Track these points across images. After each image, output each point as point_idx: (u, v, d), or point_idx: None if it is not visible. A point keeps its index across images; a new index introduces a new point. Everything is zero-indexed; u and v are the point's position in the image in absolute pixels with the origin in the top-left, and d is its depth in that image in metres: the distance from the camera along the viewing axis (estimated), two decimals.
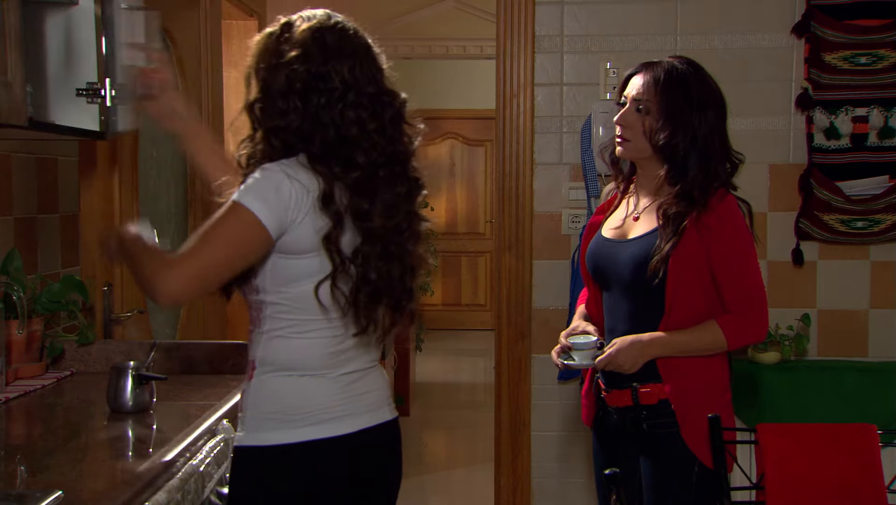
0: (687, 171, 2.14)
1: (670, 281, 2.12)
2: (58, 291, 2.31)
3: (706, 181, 2.14)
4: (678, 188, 2.15)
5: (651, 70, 2.19)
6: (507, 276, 3.36)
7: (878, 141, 3.18)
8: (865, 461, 2.16)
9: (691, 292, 2.14)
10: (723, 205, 2.13)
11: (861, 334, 3.28)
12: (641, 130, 2.18)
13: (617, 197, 2.36)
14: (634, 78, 2.23)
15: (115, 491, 1.45)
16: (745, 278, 2.16)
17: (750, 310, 2.16)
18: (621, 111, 2.23)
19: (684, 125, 2.14)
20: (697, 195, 2.12)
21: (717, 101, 2.19)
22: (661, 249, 2.11)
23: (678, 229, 2.11)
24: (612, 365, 2.16)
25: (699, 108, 2.15)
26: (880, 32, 3.15)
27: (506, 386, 3.38)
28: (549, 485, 3.41)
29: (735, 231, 2.14)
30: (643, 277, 2.14)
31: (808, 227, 3.23)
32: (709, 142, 2.15)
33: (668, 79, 2.16)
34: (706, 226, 2.11)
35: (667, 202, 2.15)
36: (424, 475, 4.88)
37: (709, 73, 2.22)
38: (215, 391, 2.18)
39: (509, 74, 3.31)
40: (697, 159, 2.14)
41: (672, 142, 2.14)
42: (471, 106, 8.79)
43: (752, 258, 2.17)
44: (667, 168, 2.17)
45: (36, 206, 2.44)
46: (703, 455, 2.15)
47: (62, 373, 2.34)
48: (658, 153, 2.18)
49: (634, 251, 2.18)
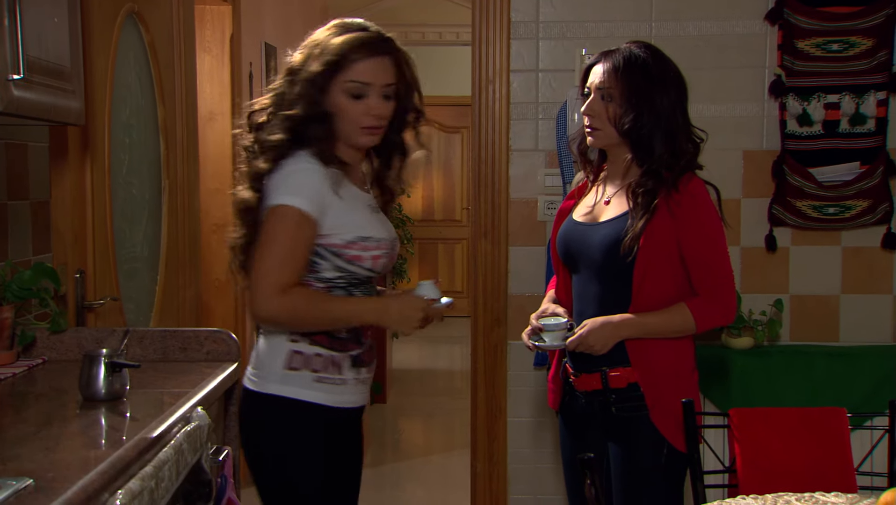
0: (653, 150, 2.18)
1: (639, 262, 2.14)
2: (29, 279, 2.28)
3: (672, 159, 2.17)
4: (646, 167, 2.18)
5: (610, 58, 2.23)
6: (482, 262, 3.37)
7: (850, 128, 3.22)
8: (836, 444, 2.19)
9: (660, 275, 2.16)
10: (692, 185, 2.17)
11: (832, 319, 3.32)
12: (607, 118, 2.21)
13: (587, 185, 2.38)
14: (595, 67, 2.26)
15: (88, 479, 1.44)
16: (714, 261, 2.19)
17: (718, 293, 2.19)
18: (587, 101, 2.26)
19: (647, 105, 2.18)
20: (665, 173, 2.15)
21: (676, 80, 2.23)
22: (634, 227, 2.13)
23: (649, 207, 2.14)
24: (583, 346, 2.18)
25: (660, 87, 2.19)
26: (852, 19, 3.18)
27: (482, 373, 3.39)
28: (525, 470, 3.42)
29: (705, 214, 2.18)
30: (614, 258, 2.16)
31: (781, 214, 3.25)
32: (672, 119, 2.19)
33: (628, 63, 2.20)
34: (677, 203, 2.14)
35: (636, 182, 2.18)
36: (401, 462, 4.90)
37: (667, 56, 2.26)
38: (189, 378, 2.17)
39: (485, 61, 3.31)
40: (662, 137, 2.18)
41: (637, 125, 2.18)
42: (447, 93, 8.77)
43: (721, 241, 2.20)
44: (633, 150, 2.20)
45: (6, 193, 2.41)
46: (672, 437, 2.17)
47: (34, 361, 2.32)
48: (625, 137, 2.21)
49: (606, 233, 2.20)
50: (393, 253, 2.04)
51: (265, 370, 1.99)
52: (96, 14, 2.72)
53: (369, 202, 2.05)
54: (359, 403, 2.07)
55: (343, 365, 2.00)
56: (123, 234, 2.98)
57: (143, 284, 3.13)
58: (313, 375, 1.97)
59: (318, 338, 1.98)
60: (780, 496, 1.83)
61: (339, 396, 2.01)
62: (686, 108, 2.24)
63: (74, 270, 2.67)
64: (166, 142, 3.27)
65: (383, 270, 2.03)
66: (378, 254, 1.98)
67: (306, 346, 1.97)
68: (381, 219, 2.06)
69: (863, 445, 2.59)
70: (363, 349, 2.05)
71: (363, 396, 2.08)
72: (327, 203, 1.90)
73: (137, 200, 3.11)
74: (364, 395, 2.08)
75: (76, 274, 2.67)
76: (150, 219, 3.20)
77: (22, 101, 1.87)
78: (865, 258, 3.30)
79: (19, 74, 1.82)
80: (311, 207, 1.88)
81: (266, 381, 1.99)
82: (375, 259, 1.98)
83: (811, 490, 1.92)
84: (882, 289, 3.30)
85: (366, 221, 1.98)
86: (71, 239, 2.66)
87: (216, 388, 2.16)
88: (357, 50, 1.92)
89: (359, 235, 1.95)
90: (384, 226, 2.05)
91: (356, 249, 1.94)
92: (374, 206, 2.06)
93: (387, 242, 2.01)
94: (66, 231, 2.65)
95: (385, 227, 2.04)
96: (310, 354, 1.97)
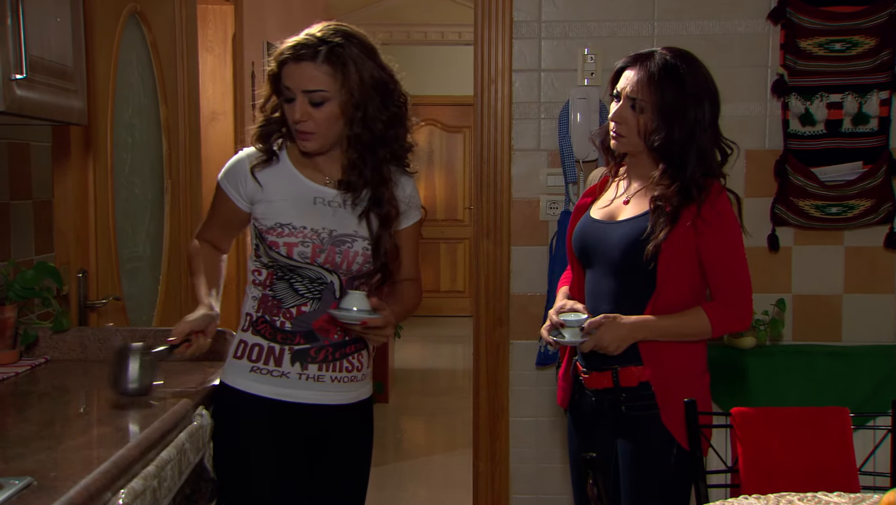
0: (685, 167, 2.14)
1: (661, 265, 2.13)
2: (31, 278, 2.28)
3: (703, 177, 2.14)
4: (678, 184, 2.14)
5: (644, 65, 2.16)
6: (484, 262, 3.37)
7: (853, 127, 3.21)
8: (838, 444, 2.19)
9: (679, 279, 2.16)
10: (720, 200, 2.14)
11: (835, 319, 3.31)
12: (636, 129, 2.18)
13: (607, 181, 2.36)
14: (627, 72, 2.20)
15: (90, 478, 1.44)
16: (735, 269, 2.18)
17: (736, 299, 2.19)
18: (616, 107, 2.21)
19: (680, 122, 2.13)
20: (696, 192, 2.12)
21: (710, 93, 2.18)
22: (657, 236, 2.11)
23: (674, 219, 2.12)
24: (598, 346, 2.17)
25: (694, 102, 2.14)
26: (855, 19, 3.17)
27: (484, 372, 3.39)
28: (527, 470, 3.42)
29: (729, 225, 2.16)
30: (632, 258, 2.15)
31: (784, 213, 3.25)
32: (705, 136, 2.15)
33: (663, 75, 2.14)
34: (703, 219, 2.12)
35: (665, 196, 2.14)
36: (403, 462, 4.90)
37: (700, 62, 2.20)
38: (192, 378, 2.17)
39: (487, 60, 3.31)
40: (695, 154, 2.14)
41: (667, 142, 2.14)
42: (449, 92, 8.78)
43: (741, 248, 2.20)
44: (663, 167, 2.16)
45: (8, 192, 2.41)
46: (681, 438, 2.17)
47: (36, 360, 2.32)
48: (652, 152, 2.18)
49: (625, 232, 2.19)
50: (318, 245, 1.97)
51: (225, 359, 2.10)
52: (99, 13, 2.72)
53: (318, 194, 2.02)
54: (312, 400, 2.03)
55: (283, 357, 2.01)
56: (126, 234, 2.98)
57: (145, 284, 3.14)
58: (250, 364, 2.02)
59: (261, 327, 2.03)
60: (782, 496, 1.82)
61: (281, 388, 2.01)
62: (718, 121, 2.19)
63: (77, 269, 2.67)
64: (168, 141, 3.28)
65: (304, 259, 1.97)
66: (293, 241, 1.97)
67: (249, 335, 2.04)
68: (320, 210, 2.01)
69: (865, 445, 2.58)
70: (314, 346, 2.02)
71: (321, 394, 2.03)
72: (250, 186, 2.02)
73: (140, 200, 3.11)
74: (324, 393, 2.04)
75: (78, 273, 2.67)
76: (153, 218, 3.20)
77: (24, 101, 1.87)
78: (868, 258, 3.30)
79: (22, 74, 1.83)
80: (225, 182, 2.06)
81: (223, 370, 2.08)
82: (290, 246, 1.97)
83: (813, 490, 1.91)
84: (885, 288, 3.30)
85: (291, 209, 1.99)
86: (73, 238, 2.66)
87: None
88: (284, 54, 1.95)
89: (277, 222, 1.99)
90: (315, 217, 2.00)
91: (273, 235, 1.98)
92: (326, 199, 2.02)
93: (309, 232, 1.98)
94: (69, 231, 2.65)
95: (313, 218, 1.99)
96: (250, 343, 2.03)
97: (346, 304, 1.93)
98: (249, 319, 2.05)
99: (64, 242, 2.64)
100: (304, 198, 2.02)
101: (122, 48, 2.92)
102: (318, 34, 1.95)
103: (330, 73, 1.93)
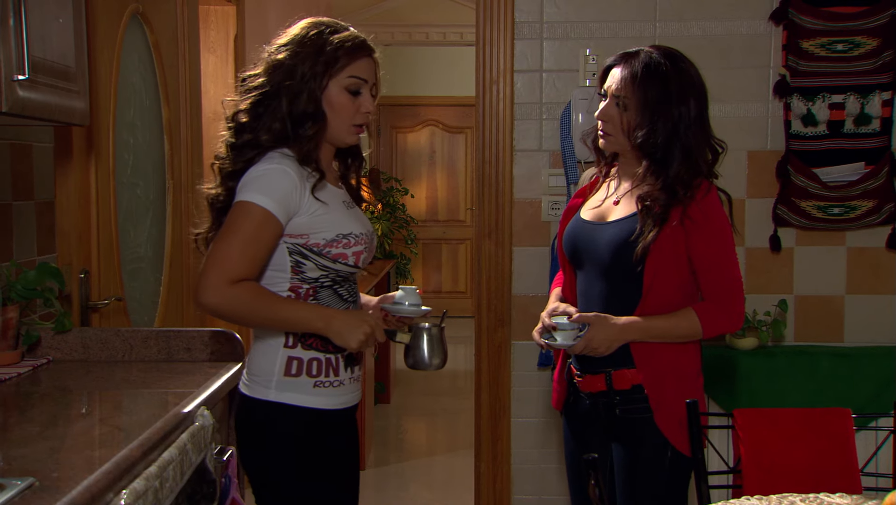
0: (669, 164, 2.14)
1: (649, 267, 2.13)
2: (33, 279, 2.28)
3: (689, 175, 2.14)
4: (661, 181, 2.14)
5: (629, 63, 2.17)
6: (486, 263, 3.37)
7: (854, 128, 3.21)
8: (840, 445, 2.18)
9: (668, 280, 2.15)
10: (707, 199, 2.13)
11: (837, 320, 3.31)
12: (622, 126, 2.18)
13: (598, 181, 2.36)
14: (614, 70, 2.21)
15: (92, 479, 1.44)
16: (724, 269, 2.17)
17: (727, 300, 2.18)
18: (602, 105, 2.22)
19: (663, 119, 2.13)
20: (681, 191, 2.12)
21: (697, 90, 2.17)
22: (645, 237, 2.11)
23: (662, 220, 2.12)
24: (587, 348, 2.17)
25: (679, 100, 2.14)
26: (857, 19, 3.17)
27: (486, 373, 3.39)
28: (529, 471, 3.42)
29: (718, 224, 2.15)
30: (621, 259, 2.15)
31: (786, 214, 3.25)
32: (690, 133, 2.14)
33: (646, 73, 2.14)
34: (690, 217, 2.12)
35: (650, 195, 2.14)
36: (405, 462, 4.90)
37: (688, 61, 2.20)
38: (193, 379, 2.17)
39: (489, 61, 3.31)
40: (680, 152, 2.14)
41: (650, 139, 2.14)
42: (451, 93, 8.78)
43: (731, 250, 2.18)
44: (646, 164, 2.16)
45: (11, 193, 2.41)
46: (676, 440, 2.17)
47: (38, 361, 2.32)
48: (637, 150, 2.18)
49: (614, 233, 2.19)
50: (371, 246, 2.05)
51: (262, 376, 1.99)
52: (101, 14, 2.72)
53: (343, 198, 2.05)
54: (353, 402, 2.09)
55: (339, 366, 2.01)
56: (128, 235, 2.98)
57: (147, 285, 3.14)
58: (312, 380, 1.98)
59: (311, 341, 1.97)
60: (784, 497, 1.82)
61: (336, 398, 2.02)
62: (706, 120, 2.19)
63: (79, 270, 2.67)
64: (170, 142, 3.28)
65: (364, 264, 2.03)
66: (359, 249, 1.99)
67: (300, 351, 1.97)
68: (356, 214, 2.06)
69: (867, 446, 2.58)
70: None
71: (357, 394, 2.10)
72: (300, 204, 1.90)
73: (142, 201, 3.11)
74: (358, 392, 2.10)
75: (80, 274, 2.67)
76: (155, 219, 3.20)
77: (27, 102, 1.87)
78: (870, 258, 3.30)
79: (24, 75, 1.83)
80: (277, 209, 1.86)
81: (264, 387, 1.98)
82: (357, 255, 1.98)
83: (815, 491, 1.91)
84: (887, 289, 3.30)
85: (344, 219, 1.99)
86: (75, 239, 2.66)
87: (220, 388, 2.16)
88: (359, 48, 1.96)
89: (339, 233, 1.95)
90: (360, 220, 2.04)
91: (339, 247, 1.95)
92: (348, 201, 2.06)
93: (365, 237, 2.02)
94: (71, 231, 2.65)
95: (361, 222, 2.04)
96: (306, 359, 1.98)
97: (405, 299, 2.05)
98: (295, 337, 1.97)
99: (66, 243, 2.64)
100: (345, 204, 2.04)
101: (125, 49, 2.92)
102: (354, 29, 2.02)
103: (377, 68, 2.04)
